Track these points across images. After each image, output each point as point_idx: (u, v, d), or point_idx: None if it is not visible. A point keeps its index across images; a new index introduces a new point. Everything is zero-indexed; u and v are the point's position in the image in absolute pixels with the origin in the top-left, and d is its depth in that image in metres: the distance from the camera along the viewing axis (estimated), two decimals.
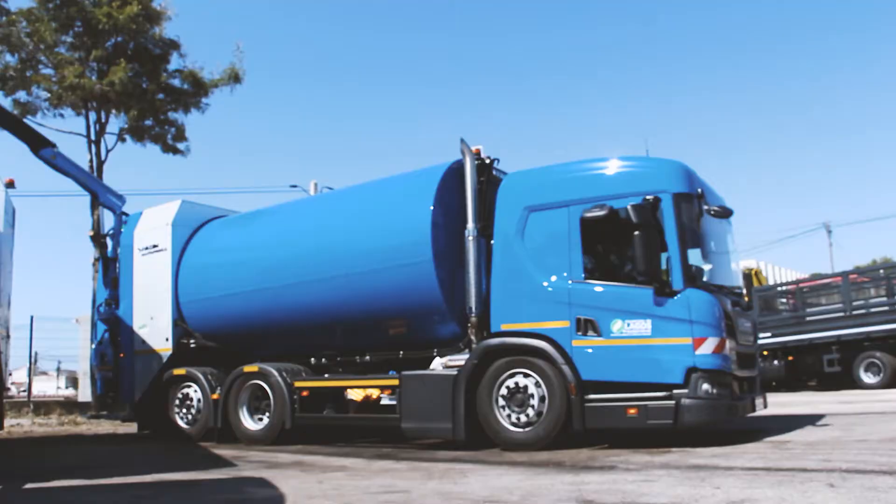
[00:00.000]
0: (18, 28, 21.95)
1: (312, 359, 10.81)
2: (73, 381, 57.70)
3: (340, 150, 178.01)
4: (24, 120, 17.94)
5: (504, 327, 8.81)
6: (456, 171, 9.56)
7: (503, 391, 8.55)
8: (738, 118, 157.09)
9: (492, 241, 9.13)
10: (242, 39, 56.79)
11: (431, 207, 9.24)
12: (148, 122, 24.04)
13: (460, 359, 9.00)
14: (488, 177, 9.52)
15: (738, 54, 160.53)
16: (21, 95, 23.00)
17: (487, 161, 9.60)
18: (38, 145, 12.66)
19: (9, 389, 18.54)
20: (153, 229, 12.53)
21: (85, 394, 27.99)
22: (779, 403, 13.15)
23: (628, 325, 8.03)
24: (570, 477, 6.19)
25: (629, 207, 8.07)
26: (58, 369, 63.77)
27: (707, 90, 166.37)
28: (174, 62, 24.22)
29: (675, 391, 7.74)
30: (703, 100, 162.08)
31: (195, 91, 24.11)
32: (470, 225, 9.09)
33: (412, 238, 9.31)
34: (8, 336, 12.22)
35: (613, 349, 8.06)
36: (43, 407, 22.93)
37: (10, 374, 25.13)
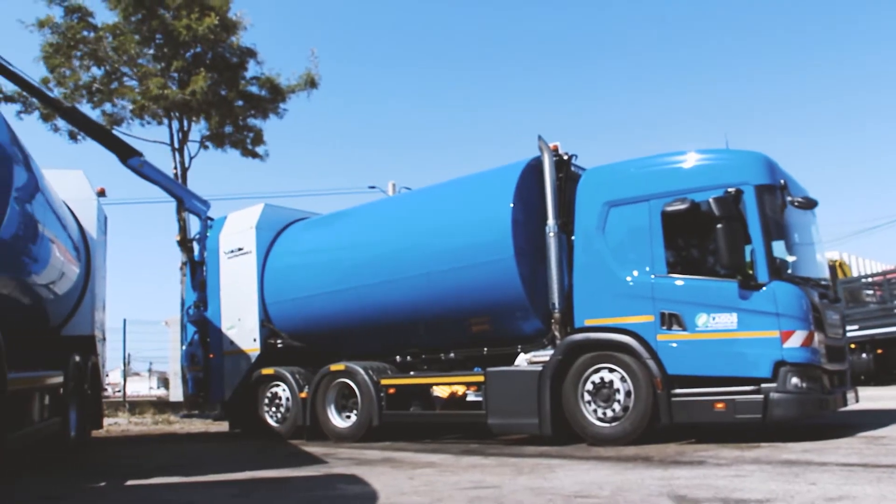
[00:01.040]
0: (105, 43, 22.77)
1: (397, 357, 10.96)
2: (164, 382, 59.43)
3: (418, 148, 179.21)
4: (112, 130, 18.54)
5: (588, 322, 8.82)
6: (534, 168, 9.62)
7: (589, 386, 8.57)
8: (819, 106, 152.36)
9: (572, 237, 9.17)
10: (315, 40, 57.65)
11: (511, 205, 9.31)
12: (228, 129, 24.66)
13: (545, 355, 9.04)
14: (567, 173, 9.56)
15: (815, 35, 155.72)
16: (107, 107, 23.89)
17: (565, 157, 9.63)
18: (126, 155, 13.07)
19: (105, 390, 19.17)
20: (238, 233, 12.86)
21: (176, 394, 28.84)
22: (869, 398, 12.79)
23: (713, 318, 7.97)
24: (660, 472, 6.18)
25: (711, 200, 8.00)
26: (149, 370, 65.62)
27: (785, 76, 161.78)
28: (251, 69, 24.76)
29: (763, 385, 7.64)
30: (782, 86, 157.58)
31: (273, 97, 24.59)
32: (550, 221, 9.15)
33: (493, 236, 9.39)
34: (104, 338, 12.75)
35: (699, 343, 8.01)
36: (137, 407, 23.68)
37: (107, 375, 26.13)
